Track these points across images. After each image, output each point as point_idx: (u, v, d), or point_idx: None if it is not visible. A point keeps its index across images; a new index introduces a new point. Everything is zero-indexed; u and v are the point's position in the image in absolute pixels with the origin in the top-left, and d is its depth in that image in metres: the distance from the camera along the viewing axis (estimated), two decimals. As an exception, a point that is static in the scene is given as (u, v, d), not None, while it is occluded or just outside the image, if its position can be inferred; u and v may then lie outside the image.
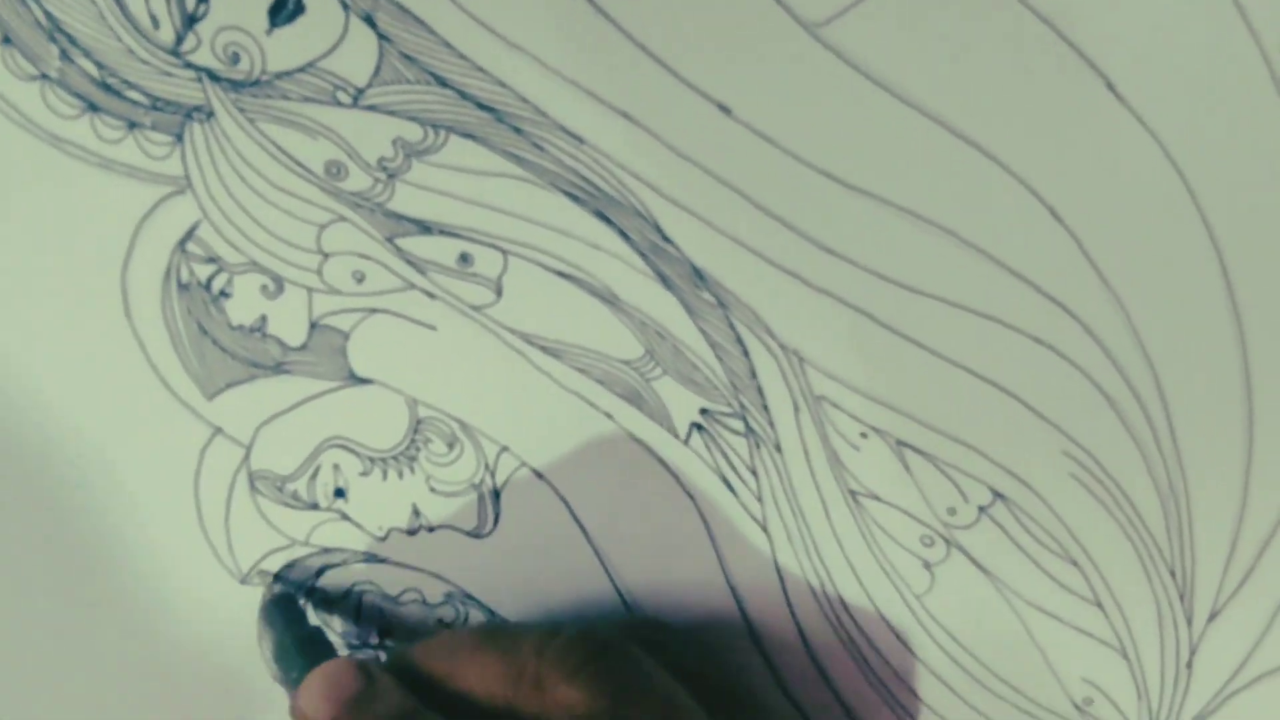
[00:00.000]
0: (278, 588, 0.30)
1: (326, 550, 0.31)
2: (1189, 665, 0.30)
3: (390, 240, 0.28)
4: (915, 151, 0.26)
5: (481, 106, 0.26)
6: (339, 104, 0.26)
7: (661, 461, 0.30)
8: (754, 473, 0.29)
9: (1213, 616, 0.29)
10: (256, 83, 0.26)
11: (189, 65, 0.26)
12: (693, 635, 0.31)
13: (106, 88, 0.26)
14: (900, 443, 0.29)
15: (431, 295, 0.28)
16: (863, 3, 0.25)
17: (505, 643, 0.27)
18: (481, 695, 0.27)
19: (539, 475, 0.30)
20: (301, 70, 0.26)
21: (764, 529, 0.30)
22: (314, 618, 0.31)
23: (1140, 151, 0.26)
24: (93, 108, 0.26)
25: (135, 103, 0.26)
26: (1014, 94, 0.25)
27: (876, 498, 0.29)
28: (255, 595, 0.31)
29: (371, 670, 0.27)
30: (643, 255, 0.27)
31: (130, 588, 0.31)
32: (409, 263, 0.28)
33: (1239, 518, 0.29)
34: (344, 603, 0.32)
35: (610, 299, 0.28)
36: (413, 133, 0.26)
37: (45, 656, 0.31)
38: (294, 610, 0.30)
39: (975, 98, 0.25)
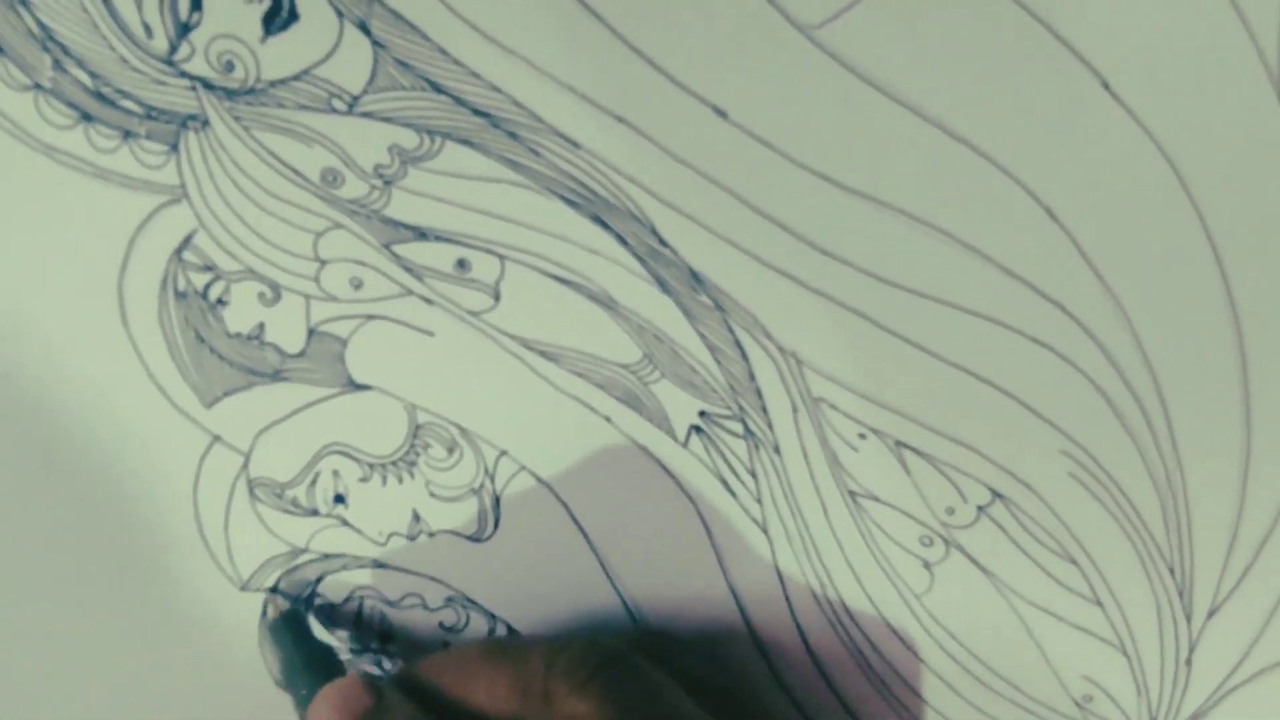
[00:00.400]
0: (283, 604, 0.30)
1: (326, 556, 0.31)
2: (1188, 662, 0.30)
3: (387, 247, 0.28)
4: (911, 153, 0.26)
5: (477, 112, 0.26)
6: (334, 111, 0.26)
7: (661, 464, 0.30)
8: (753, 474, 0.29)
9: (1212, 613, 0.30)
10: (251, 91, 0.26)
11: (183, 74, 0.26)
12: (698, 644, 0.31)
13: (100, 97, 0.26)
14: (899, 443, 0.29)
15: (429, 301, 0.28)
16: (858, 5, 0.25)
17: (513, 656, 0.27)
18: (490, 709, 0.27)
19: (539, 479, 0.30)
20: (296, 78, 0.26)
21: (764, 530, 0.30)
22: (316, 626, 0.31)
23: (1136, 151, 0.26)
24: (87, 117, 0.26)
25: (130, 112, 0.26)
26: (1010, 94, 0.25)
27: (875, 498, 0.29)
28: (256, 601, 0.31)
29: (381, 687, 0.27)
30: (640, 259, 0.27)
31: (130, 596, 0.31)
32: (406, 269, 0.28)
33: (1237, 515, 0.29)
34: (344, 608, 0.32)
35: (608, 303, 0.28)
36: (409, 139, 0.26)
37: (46, 664, 0.32)
38: (301, 627, 0.30)
39: (971, 98, 0.25)
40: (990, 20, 0.25)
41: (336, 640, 0.32)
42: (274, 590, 0.31)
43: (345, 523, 0.31)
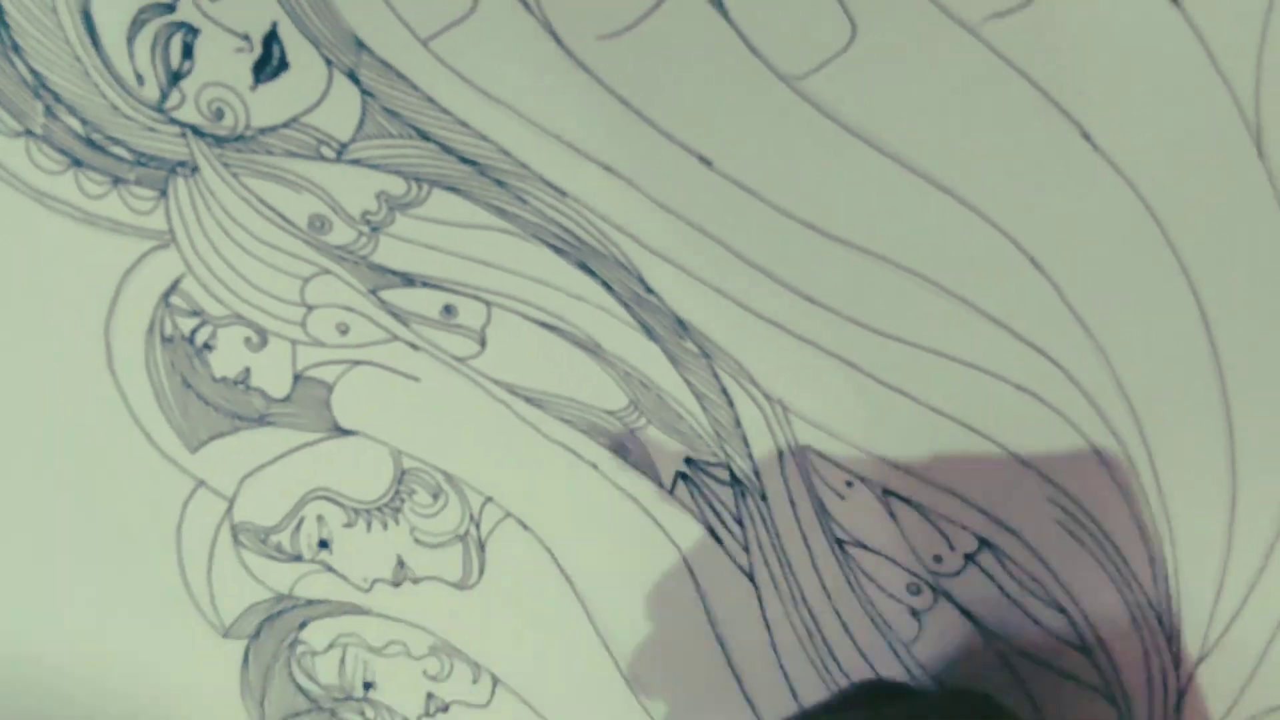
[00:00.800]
0: None
1: (310, 603, 0.31)
2: (1178, 708, 0.30)
3: (374, 292, 0.28)
4: (895, 201, 0.26)
5: (464, 160, 0.26)
6: (322, 158, 0.26)
7: (646, 511, 0.29)
8: (740, 522, 0.29)
9: (1200, 659, 0.29)
10: (240, 138, 0.26)
11: (173, 121, 0.26)
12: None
13: (91, 144, 0.26)
14: (886, 491, 0.29)
15: (415, 347, 0.28)
16: (841, 56, 0.25)
17: None
18: None
19: (524, 526, 0.30)
20: (285, 125, 0.26)
21: (750, 578, 0.30)
22: (297, 672, 0.31)
23: (1117, 199, 0.26)
24: (77, 163, 0.26)
25: (120, 158, 0.26)
26: (991, 144, 0.26)
27: (863, 546, 0.29)
28: (239, 648, 0.31)
29: None
30: (626, 306, 0.28)
31: (112, 640, 0.30)
32: (393, 314, 0.28)
33: (1224, 560, 0.29)
34: (327, 655, 0.31)
35: (594, 349, 0.28)
36: (396, 186, 0.27)
37: (26, 706, 0.31)
38: None
39: (953, 148, 0.26)
40: (971, 71, 0.25)
41: (317, 680, 0.32)
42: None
43: (329, 568, 0.30)
